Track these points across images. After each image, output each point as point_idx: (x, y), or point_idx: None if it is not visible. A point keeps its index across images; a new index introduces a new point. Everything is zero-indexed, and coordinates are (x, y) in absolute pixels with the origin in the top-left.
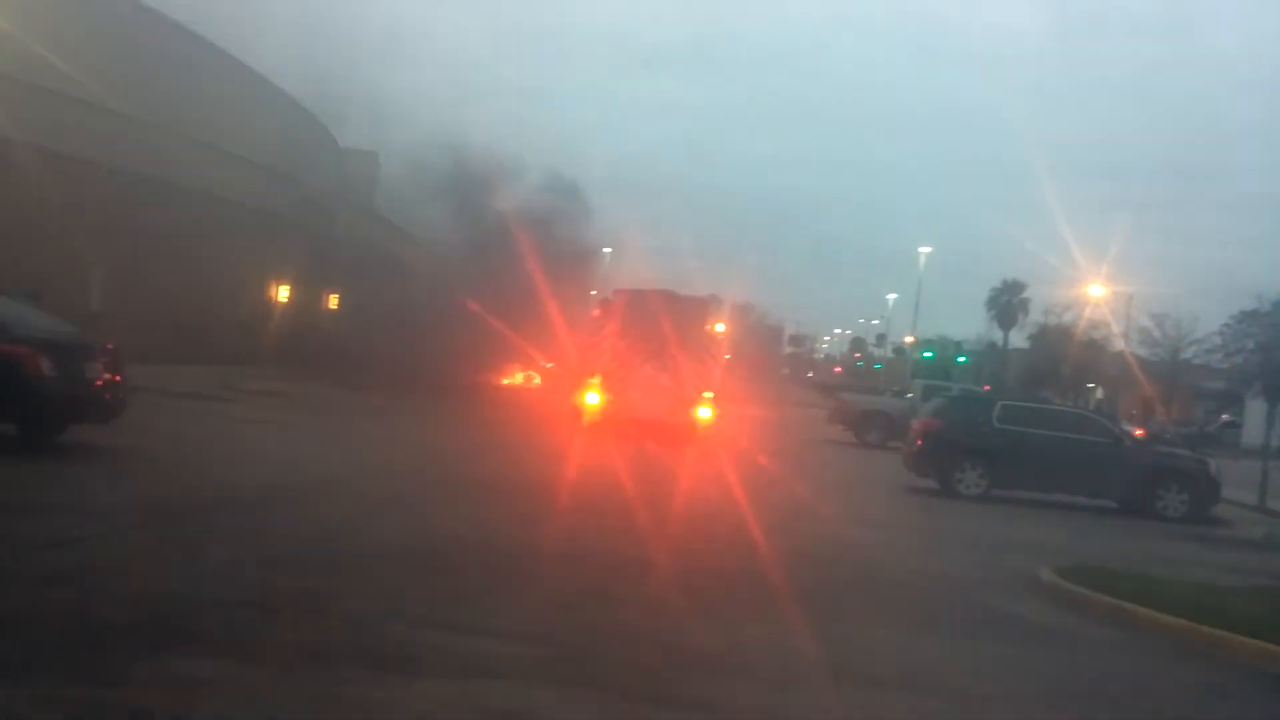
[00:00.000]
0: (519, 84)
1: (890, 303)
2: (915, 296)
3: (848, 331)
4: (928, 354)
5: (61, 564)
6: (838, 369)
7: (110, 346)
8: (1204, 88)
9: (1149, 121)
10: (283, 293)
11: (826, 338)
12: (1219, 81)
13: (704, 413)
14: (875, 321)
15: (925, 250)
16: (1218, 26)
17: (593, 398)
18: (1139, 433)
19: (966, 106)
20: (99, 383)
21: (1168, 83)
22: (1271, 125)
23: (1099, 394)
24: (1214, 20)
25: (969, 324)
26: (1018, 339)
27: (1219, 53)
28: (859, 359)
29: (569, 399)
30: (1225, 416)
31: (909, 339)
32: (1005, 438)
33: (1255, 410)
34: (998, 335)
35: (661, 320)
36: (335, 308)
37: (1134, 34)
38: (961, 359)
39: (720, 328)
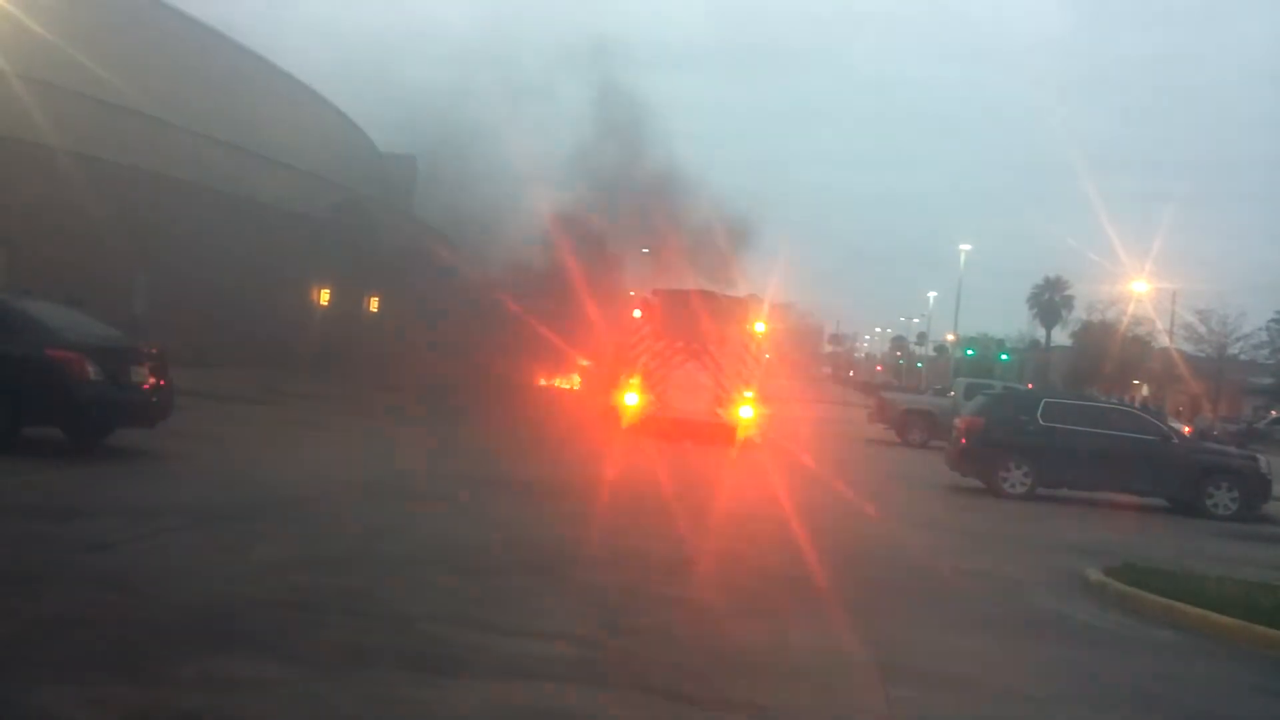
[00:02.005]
0: (559, 87)
1: (931, 301)
2: (956, 294)
3: (888, 330)
4: (970, 352)
5: (107, 566)
6: (879, 367)
7: (155, 350)
8: (1242, 79)
9: (1191, 114)
10: (324, 296)
11: (867, 336)
12: (1258, 72)
13: (745, 412)
14: (916, 320)
15: (966, 248)
16: (1258, 15)
17: (632, 398)
18: (1187, 430)
19: (1006, 103)
20: (144, 387)
21: (1204, 75)
22: None
23: (1144, 391)
24: (1255, 8)
25: (1011, 321)
26: (1060, 336)
27: (1256, 43)
28: (900, 357)
29: (609, 399)
30: (1274, 413)
31: (950, 337)
32: (1050, 436)
33: None
34: (1040, 333)
35: (701, 320)
36: (376, 311)
37: (1169, 26)
38: (1004, 356)
39: (760, 327)
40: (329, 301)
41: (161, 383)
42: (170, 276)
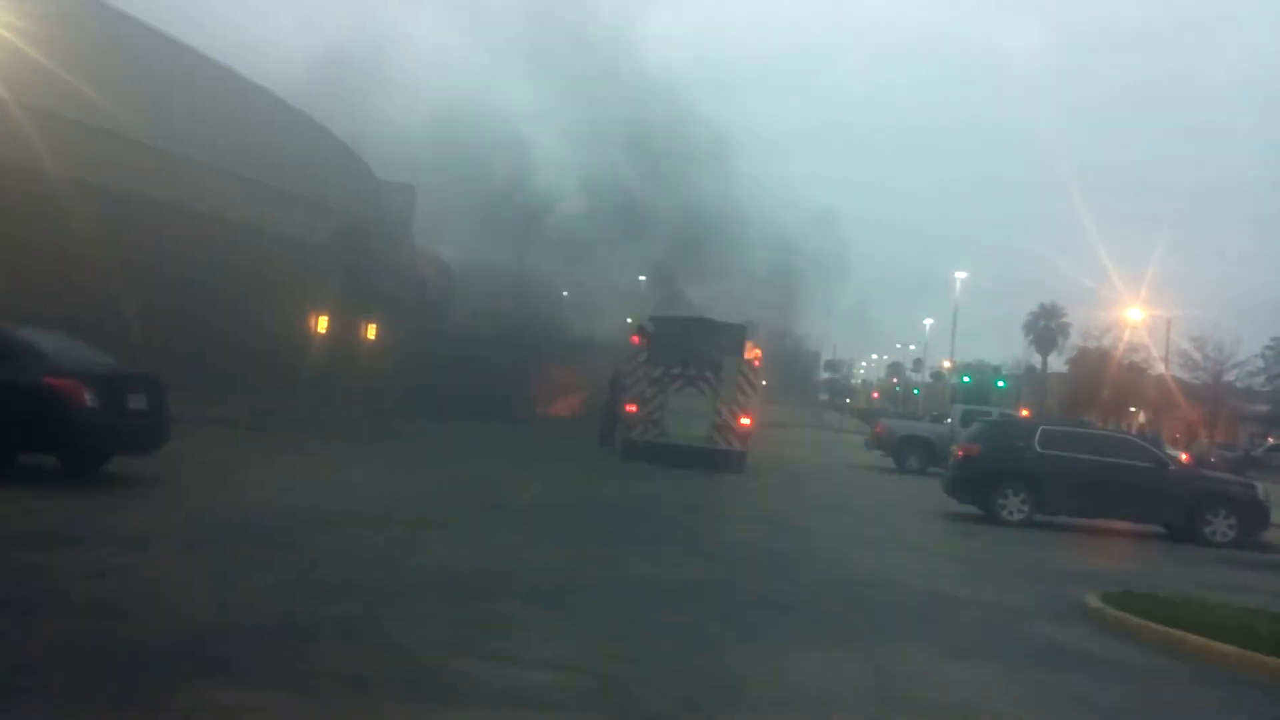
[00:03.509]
0: (560, 116)
1: (927, 327)
2: (952, 321)
3: (884, 357)
4: (966, 379)
5: (103, 593)
6: (875, 394)
7: (152, 377)
8: (1232, 103)
9: (1185, 138)
10: (321, 323)
11: (863, 363)
12: (1247, 96)
13: (742, 438)
14: (912, 346)
15: (961, 275)
16: (1251, 36)
17: (630, 423)
18: (1184, 457)
19: (999, 129)
20: (141, 414)
21: (1194, 99)
22: None
23: (1141, 418)
24: (1244, 31)
25: (1007, 348)
26: (1056, 363)
27: (1249, 66)
28: (897, 384)
29: (606, 425)
30: (1271, 440)
31: (946, 364)
32: (1047, 462)
33: None
34: (1036, 359)
35: (698, 347)
36: (373, 338)
37: (1159, 50)
38: (1000, 383)
39: (757, 353)
40: (327, 328)
41: (158, 410)
42: (168, 303)
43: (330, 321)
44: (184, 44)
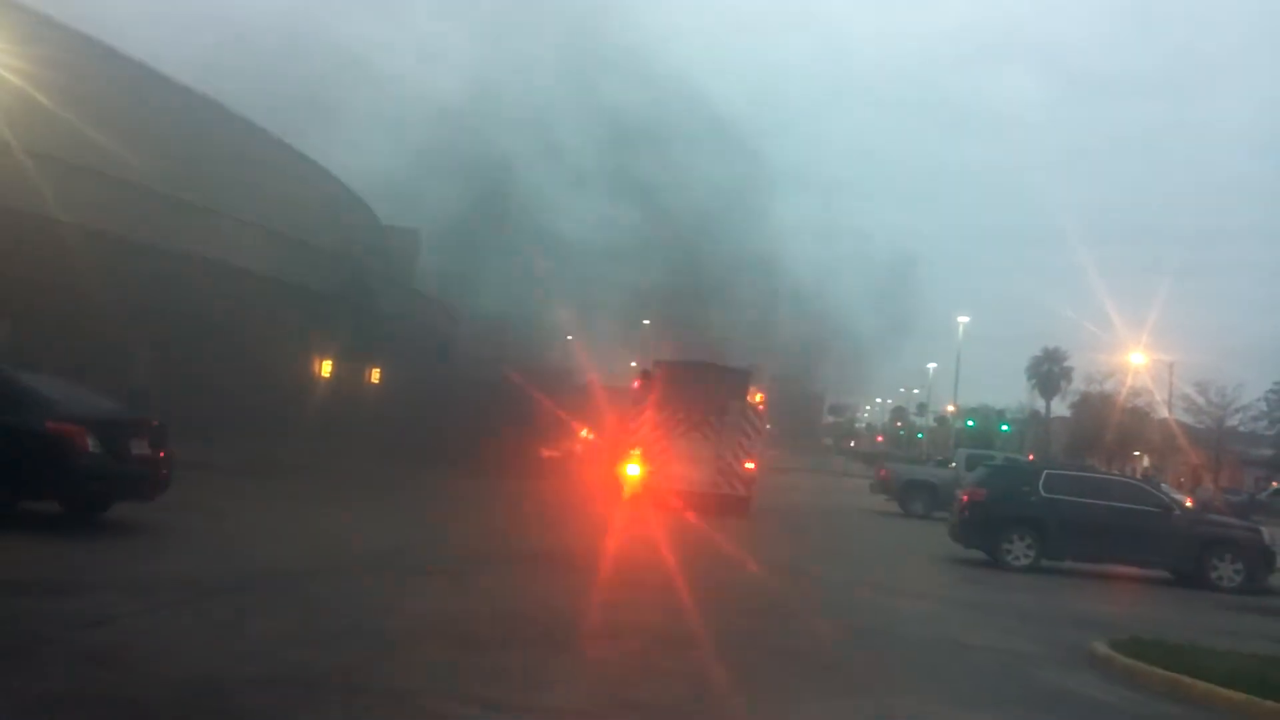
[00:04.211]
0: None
1: (931, 371)
2: (955, 365)
3: (889, 401)
4: (970, 423)
5: (102, 643)
6: (880, 438)
7: (155, 423)
8: (1229, 149)
9: (1186, 188)
10: (325, 368)
11: (867, 407)
12: (1244, 143)
13: (747, 483)
14: (916, 390)
15: (964, 319)
16: (1251, 84)
17: (634, 469)
18: (1189, 501)
19: (1000, 175)
20: (143, 460)
21: (1194, 146)
22: None
23: (1145, 462)
24: (1246, 79)
25: (1010, 392)
26: (1059, 407)
27: (1251, 114)
28: (901, 428)
29: (611, 471)
30: (1275, 484)
31: (951, 408)
32: (1053, 507)
33: None
34: (1039, 403)
35: (702, 391)
36: (377, 383)
37: (1160, 99)
38: (1004, 427)
39: (760, 398)
40: (330, 373)
41: (161, 455)
42: (171, 348)
43: (334, 366)
44: (190, 88)
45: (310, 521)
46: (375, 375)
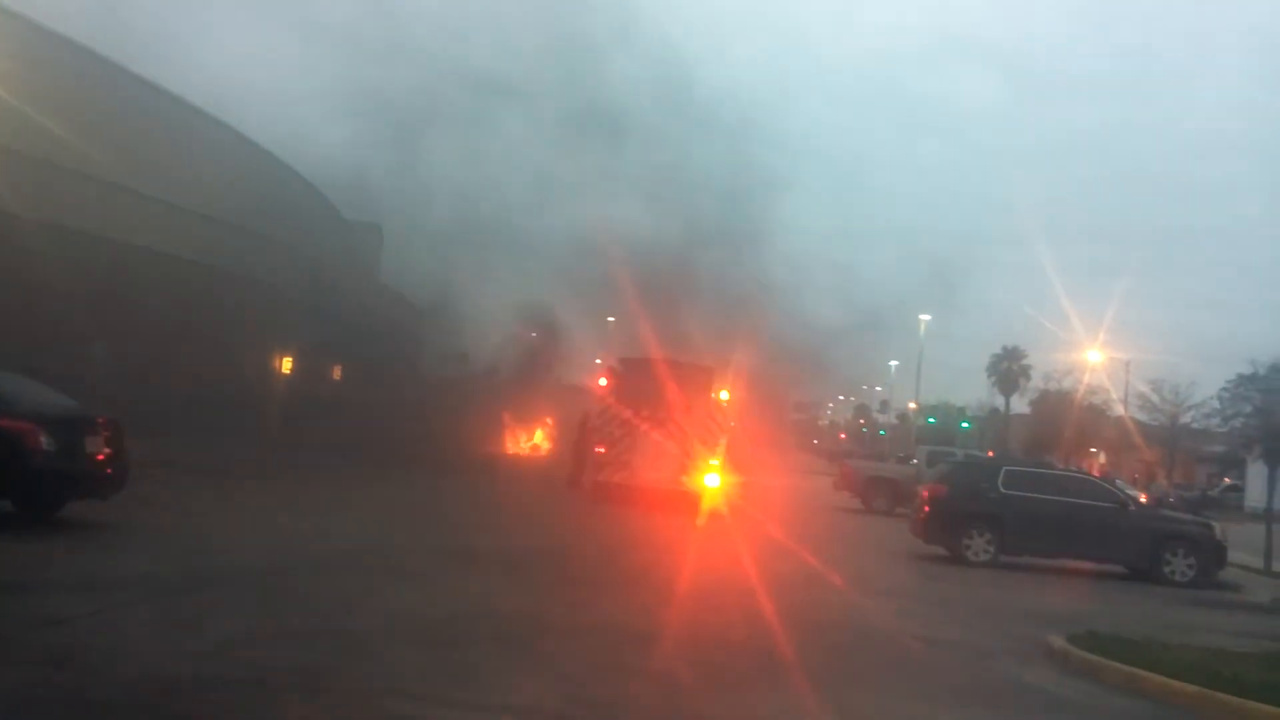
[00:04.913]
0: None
1: (893, 369)
2: (917, 363)
3: (851, 399)
4: (931, 420)
5: (58, 643)
6: (843, 435)
7: (111, 420)
8: (1185, 149)
9: (1142, 188)
10: (286, 364)
11: (830, 405)
12: (1200, 143)
13: (710, 480)
14: (879, 388)
15: (925, 318)
16: (1206, 87)
17: (599, 465)
18: (1143, 497)
19: (958, 174)
20: (99, 457)
21: (1147, 145)
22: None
23: (1101, 459)
24: (1201, 82)
25: (970, 389)
26: (1019, 404)
27: (1203, 112)
28: (864, 425)
29: (574, 467)
30: (1227, 480)
31: (912, 405)
32: (1011, 504)
33: (1257, 474)
34: (999, 401)
35: (666, 388)
36: (339, 379)
37: (1115, 100)
38: (965, 425)
39: (725, 395)
40: (291, 370)
41: (117, 453)
42: (129, 345)
43: (295, 363)
44: (148, 80)
45: (270, 519)
46: (337, 372)
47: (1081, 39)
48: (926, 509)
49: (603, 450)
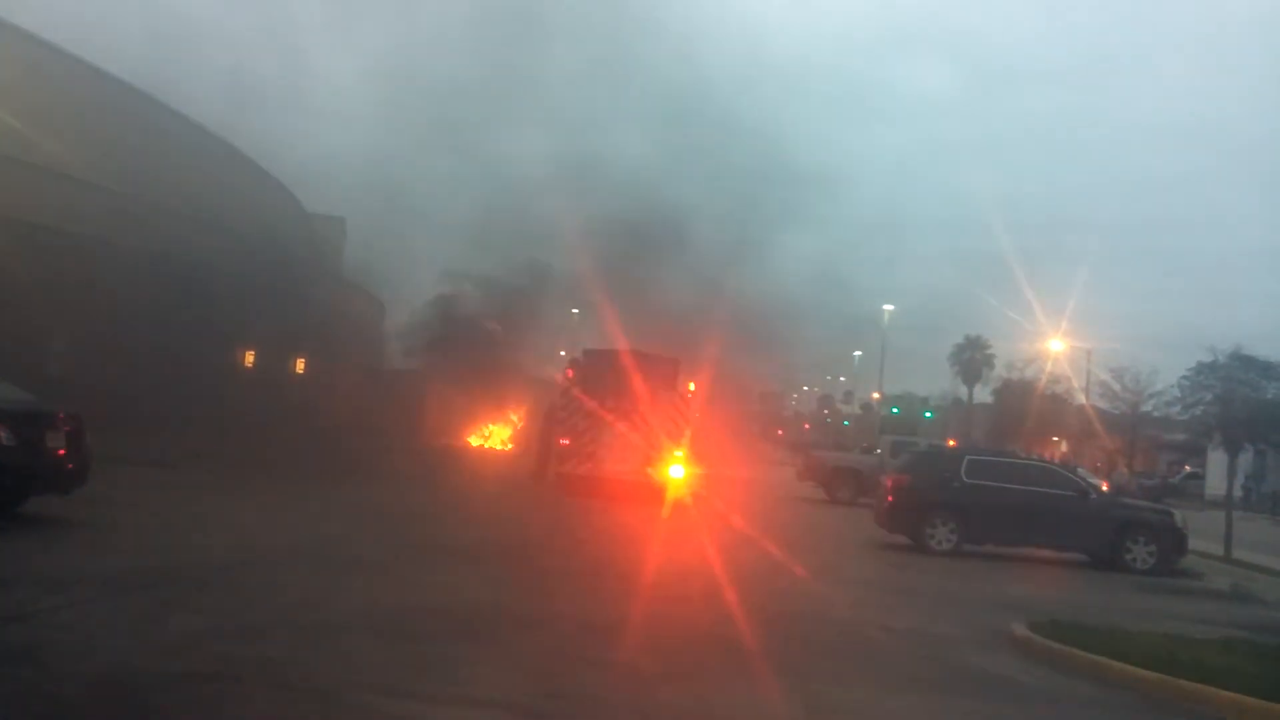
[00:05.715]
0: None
1: (856, 360)
2: (880, 353)
3: (815, 389)
4: (895, 410)
5: (18, 640)
6: (806, 425)
7: (71, 415)
8: (1143, 140)
9: (1100, 179)
10: (248, 358)
11: (794, 395)
12: (1156, 134)
13: (675, 471)
14: (842, 378)
15: (888, 308)
16: (1161, 77)
17: (563, 457)
18: (1104, 485)
19: (915, 163)
20: (59, 452)
21: (1101, 136)
22: (1214, 178)
23: (1063, 447)
24: (1156, 72)
25: (934, 379)
26: (982, 394)
27: (1161, 106)
28: (828, 416)
29: (539, 459)
30: (1188, 468)
31: (876, 395)
32: (974, 492)
33: (1216, 462)
34: (962, 390)
35: (631, 379)
36: (302, 372)
37: (1070, 90)
38: (928, 414)
39: (691, 387)
40: (254, 363)
41: (77, 448)
42: (89, 338)
43: (257, 356)
44: (105, 71)
45: (232, 513)
46: (300, 365)
47: (1038, 28)
48: (890, 498)
49: (567, 442)
